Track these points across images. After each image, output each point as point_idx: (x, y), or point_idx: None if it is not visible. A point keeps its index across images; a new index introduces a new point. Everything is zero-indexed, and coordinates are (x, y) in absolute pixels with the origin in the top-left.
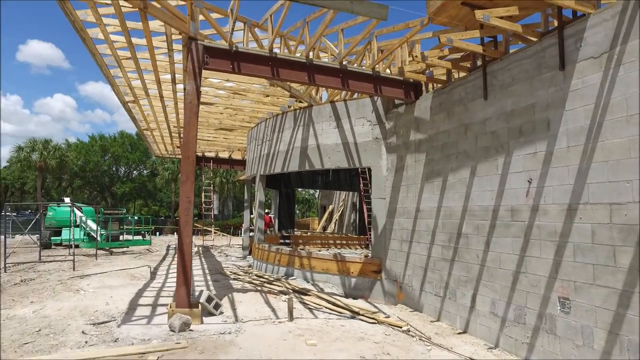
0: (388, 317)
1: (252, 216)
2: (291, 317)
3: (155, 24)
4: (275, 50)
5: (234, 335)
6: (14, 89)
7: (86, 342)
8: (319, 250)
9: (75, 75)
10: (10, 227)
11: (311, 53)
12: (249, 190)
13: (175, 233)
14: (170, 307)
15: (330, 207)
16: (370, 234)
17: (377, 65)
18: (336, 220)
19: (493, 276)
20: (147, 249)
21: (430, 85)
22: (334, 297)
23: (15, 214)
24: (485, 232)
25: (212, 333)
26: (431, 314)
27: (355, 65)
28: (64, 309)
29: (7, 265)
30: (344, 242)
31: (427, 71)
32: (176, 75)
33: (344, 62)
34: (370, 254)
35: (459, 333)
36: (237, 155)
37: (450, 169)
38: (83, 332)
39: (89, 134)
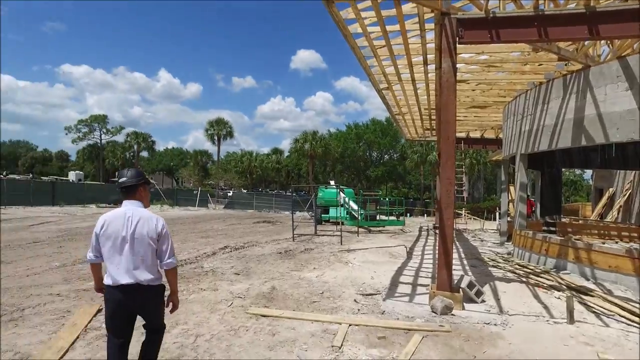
0: None
1: (509, 199)
2: (571, 319)
3: (407, 8)
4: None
5: (501, 327)
6: (289, 92)
7: (358, 310)
8: (602, 243)
9: (331, 74)
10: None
11: None
12: (506, 171)
13: (425, 215)
14: (431, 289)
15: (610, 190)
16: None
17: None
18: (620, 206)
19: None
20: (401, 229)
21: None
22: (630, 303)
23: (294, 194)
24: None
25: (476, 321)
26: None
27: None
28: (338, 278)
29: (294, 235)
30: (635, 234)
31: None
32: (427, 56)
33: None
34: None
35: None
36: (489, 134)
37: None
38: (355, 300)
39: (345, 124)
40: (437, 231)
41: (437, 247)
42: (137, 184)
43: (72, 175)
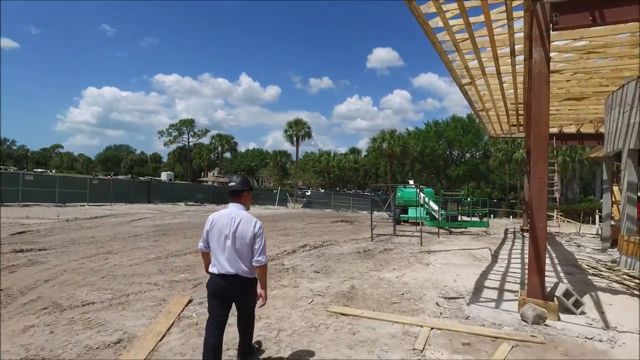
0: None
1: (613, 200)
2: None
3: None
4: None
5: (608, 344)
6: (366, 91)
7: (440, 314)
8: None
9: (408, 71)
10: (370, 204)
11: None
12: (609, 169)
13: (510, 216)
14: (521, 295)
15: None
16: None
17: None
18: None
19: None
20: (485, 231)
21: None
22: None
23: (372, 193)
24: None
25: (575, 335)
26: None
27: None
28: (419, 279)
29: (373, 235)
30: None
31: None
32: (515, 47)
33: None
34: None
35: None
36: (587, 128)
37: None
38: (437, 303)
39: (424, 122)
40: (525, 234)
41: (525, 251)
42: (243, 190)
43: (164, 176)
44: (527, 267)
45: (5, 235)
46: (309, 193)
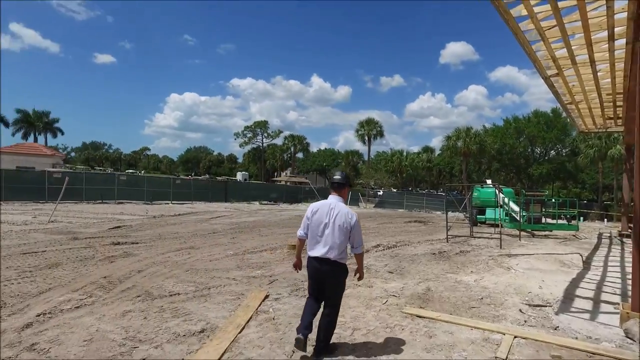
0: None
1: None
2: None
3: None
4: None
5: None
6: (439, 88)
7: (525, 322)
8: None
9: (484, 65)
10: (444, 204)
11: None
12: None
13: (605, 220)
14: (623, 308)
15: None
16: None
17: None
18: None
19: None
20: (573, 235)
21: None
22: None
23: (447, 193)
24: None
25: None
26: None
27: None
28: (500, 284)
29: (448, 236)
30: None
31: None
32: (615, 30)
33: None
34: None
35: None
36: None
37: None
38: (520, 310)
39: (502, 118)
40: (625, 239)
41: (626, 259)
42: (344, 184)
43: (239, 176)
44: (629, 276)
45: (105, 229)
46: (380, 193)
